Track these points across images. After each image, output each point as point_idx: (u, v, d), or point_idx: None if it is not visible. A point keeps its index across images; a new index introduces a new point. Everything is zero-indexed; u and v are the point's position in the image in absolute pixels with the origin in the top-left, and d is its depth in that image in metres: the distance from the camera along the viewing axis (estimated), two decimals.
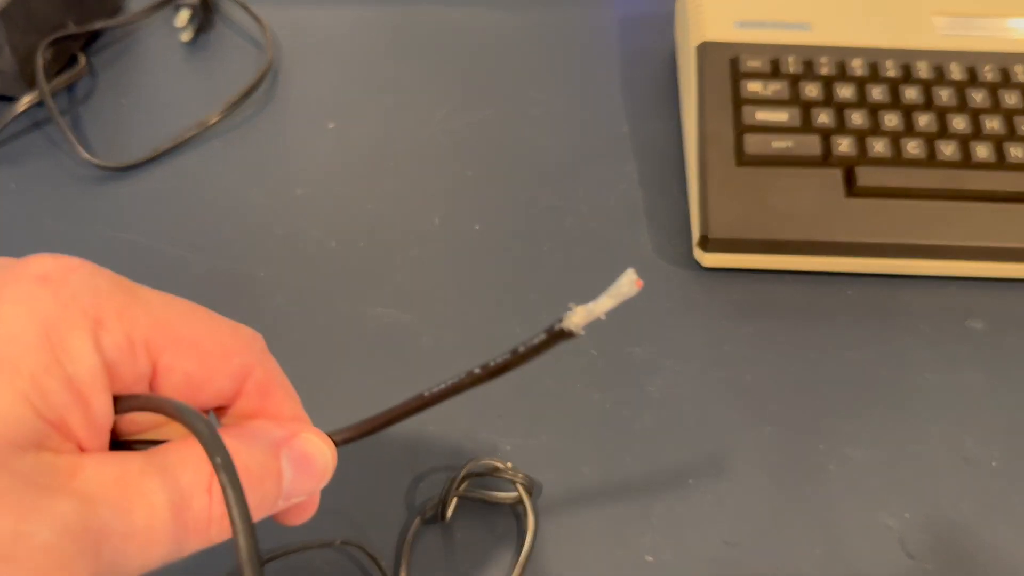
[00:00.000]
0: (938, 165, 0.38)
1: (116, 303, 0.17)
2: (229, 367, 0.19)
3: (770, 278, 0.38)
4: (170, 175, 0.42)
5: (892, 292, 0.38)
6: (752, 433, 0.33)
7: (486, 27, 0.50)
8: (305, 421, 0.21)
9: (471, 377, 0.19)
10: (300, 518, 0.21)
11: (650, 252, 0.39)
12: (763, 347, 0.36)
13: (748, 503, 0.32)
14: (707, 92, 0.40)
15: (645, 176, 0.42)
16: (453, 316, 0.37)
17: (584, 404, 0.34)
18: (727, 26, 0.43)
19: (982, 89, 0.40)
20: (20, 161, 0.43)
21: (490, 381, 0.19)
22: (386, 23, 0.50)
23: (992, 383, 0.35)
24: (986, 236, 0.37)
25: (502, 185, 0.42)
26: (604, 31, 0.50)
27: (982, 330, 0.37)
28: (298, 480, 0.19)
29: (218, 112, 0.44)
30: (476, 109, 0.45)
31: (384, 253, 0.39)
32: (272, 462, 0.18)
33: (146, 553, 0.16)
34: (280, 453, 0.19)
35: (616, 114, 0.45)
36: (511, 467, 0.31)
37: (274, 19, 0.49)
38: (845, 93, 0.40)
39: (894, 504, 0.32)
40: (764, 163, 0.38)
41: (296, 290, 0.38)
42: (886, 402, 0.34)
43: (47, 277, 0.17)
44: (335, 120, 0.45)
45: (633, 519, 0.31)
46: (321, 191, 0.42)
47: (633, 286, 0.16)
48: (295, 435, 0.19)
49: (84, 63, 0.46)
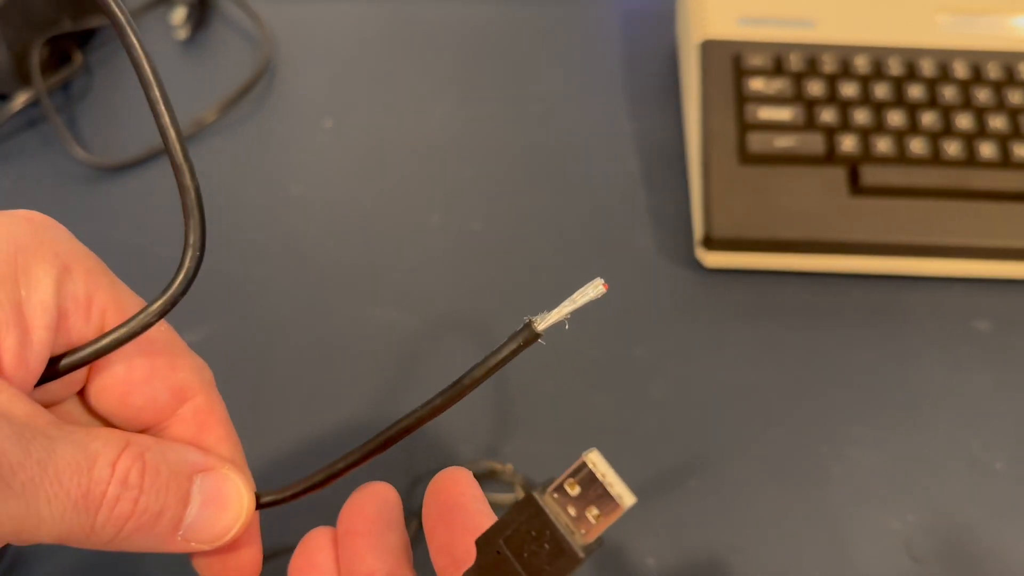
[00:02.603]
0: (942, 164, 0.38)
1: (88, 265, 0.18)
2: (172, 378, 0.19)
3: (773, 278, 0.38)
4: (166, 174, 0.42)
5: (896, 292, 0.38)
6: (755, 435, 0.33)
7: (486, 23, 0.49)
8: (240, 468, 0.20)
9: (432, 407, 0.18)
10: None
11: (652, 252, 0.39)
12: (766, 348, 0.36)
13: (751, 505, 0.31)
14: (710, 90, 0.40)
15: (647, 175, 0.42)
16: (451, 315, 0.37)
17: (585, 405, 0.34)
18: (730, 23, 0.42)
19: (986, 87, 0.39)
20: (15, 159, 0.43)
21: (461, 399, 0.18)
22: (384, 20, 0.50)
23: (998, 385, 0.35)
24: (991, 235, 0.36)
25: (502, 184, 0.42)
26: (606, 28, 0.49)
27: (988, 331, 0.36)
28: (204, 515, 0.18)
29: (214, 110, 0.44)
30: (475, 107, 0.45)
31: (382, 252, 0.39)
32: (182, 481, 0.17)
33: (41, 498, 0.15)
34: (195, 477, 0.18)
35: (618, 112, 0.45)
36: (511, 469, 0.31)
37: (271, 16, 0.49)
38: (849, 91, 0.39)
39: (899, 507, 0.31)
40: (767, 162, 0.38)
41: (293, 289, 0.37)
42: (891, 404, 0.34)
43: (33, 219, 0.17)
44: (332, 118, 0.44)
45: (635, 521, 0.31)
46: (318, 190, 0.41)
47: (599, 288, 0.15)
48: (217, 468, 0.18)
49: (80, 61, 0.46)
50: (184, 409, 0.19)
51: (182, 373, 0.19)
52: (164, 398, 0.19)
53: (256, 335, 0.36)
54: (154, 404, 0.19)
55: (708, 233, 0.37)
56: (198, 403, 0.19)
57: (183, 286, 0.17)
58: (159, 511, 0.17)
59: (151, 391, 0.18)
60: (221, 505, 0.18)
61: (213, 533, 0.18)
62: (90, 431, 0.16)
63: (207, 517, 0.18)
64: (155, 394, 0.18)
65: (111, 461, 0.16)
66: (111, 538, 0.16)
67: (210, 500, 0.18)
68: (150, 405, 0.19)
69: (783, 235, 0.37)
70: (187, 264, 0.17)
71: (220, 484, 0.18)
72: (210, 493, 0.18)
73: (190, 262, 0.17)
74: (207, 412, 0.19)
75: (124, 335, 0.17)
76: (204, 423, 0.19)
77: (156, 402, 0.19)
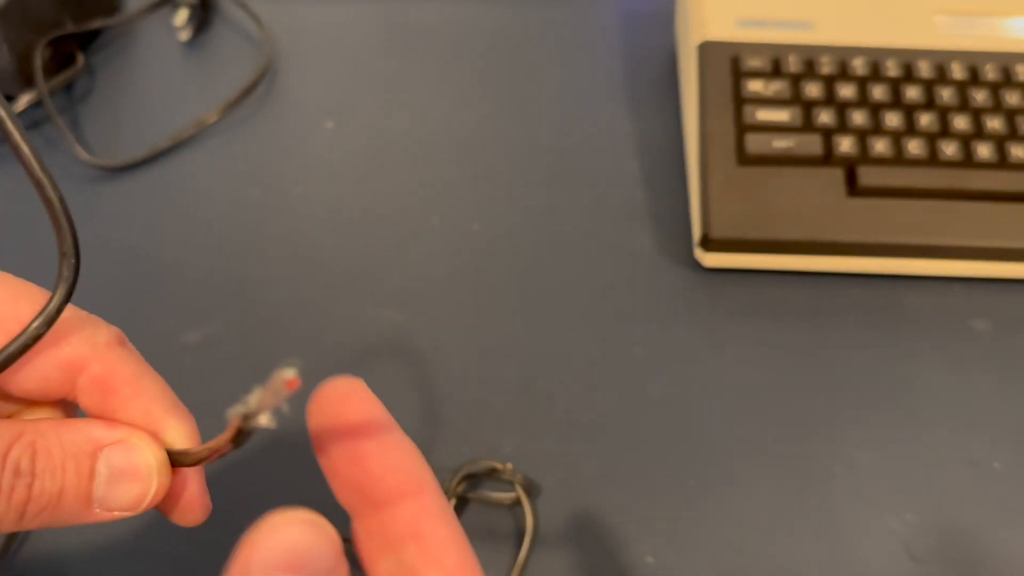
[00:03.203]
0: (940, 165, 0.38)
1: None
2: (57, 355, 0.19)
3: (772, 278, 0.38)
4: (168, 174, 0.42)
5: (895, 293, 0.38)
6: (754, 435, 0.33)
7: (486, 25, 0.50)
8: (165, 421, 0.20)
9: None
10: (185, 519, 0.20)
11: (651, 252, 0.39)
12: (765, 348, 0.36)
13: (750, 505, 0.31)
14: (708, 91, 0.40)
15: (646, 175, 0.42)
16: (451, 316, 0.37)
17: (584, 405, 0.34)
18: (728, 25, 0.43)
19: (984, 88, 0.40)
20: (12, 161, 0.43)
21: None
22: (385, 21, 0.50)
23: (997, 385, 0.35)
24: (988, 236, 0.37)
25: (501, 184, 0.42)
26: (605, 29, 0.50)
27: (986, 331, 0.36)
28: (114, 487, 0.18)
29: (216, 111, 0.44)
30: (475, 107, 0.45)
31: (382, 252, 0.39)
32: (82, 459, 0.18)
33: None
34: (99, 453, 0.18)
35: (617, 113, 0.45)
36: (510, 468, 0.31)
37: (272, 18, 0.49)
38: (846, 92, 0.39)
39: (899, 507, 0.31)
40: (765, 163, 0.38)
41: (293, 289, 0.38)
42: (890, 404, 0.34)
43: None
44: (333, 119, 0.45)
45: (634, 521, 0.31)
46: (319, 190, 0.42)
47: (284, 388, 0.14)
48: (124, 440, 0.19)
49: (82, 62, 0.46)
50: (82, 380, 0.19)
51: (68, 347, 0.19)
52: (56, 375, 0.19)
53: (256, 335, 0.36)
54: (48, 382, 0.19)
55: (707, 233, 0.37)
56: (94, 371, 0.19)
57: (63, 298, 0.18)
58: (59, 492, 0.18)
59: (38, 373, 0.19)
60: (130, 476, 0.18)
61: (127, 502, 0.19)
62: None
63: (117, 489, 0.18)
64: (44, 373, 0.19)
65: (2, 454, 0.17)
66: (17, 522, 0.17)
67: (118, 472, 0.18)
68: (44, 384, 0.19)
69: (781, 236, 0.37)
70: (65, 273, 0.18)
71: (126, 455, 0.19)
72: (117, 465, 0.18)
73: (67, 271, 0.18)
74: (106, 377, 0.19)
75: (5, 358, 0.17)
76: (105, 389, 0.19)
77: (49, 380, 0.19)
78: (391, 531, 0.16)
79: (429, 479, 0.17)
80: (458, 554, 0.16)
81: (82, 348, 0.19)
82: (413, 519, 0.16)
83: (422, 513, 0.16)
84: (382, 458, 0.16)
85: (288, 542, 0.14)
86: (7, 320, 0.18)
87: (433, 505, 0.16)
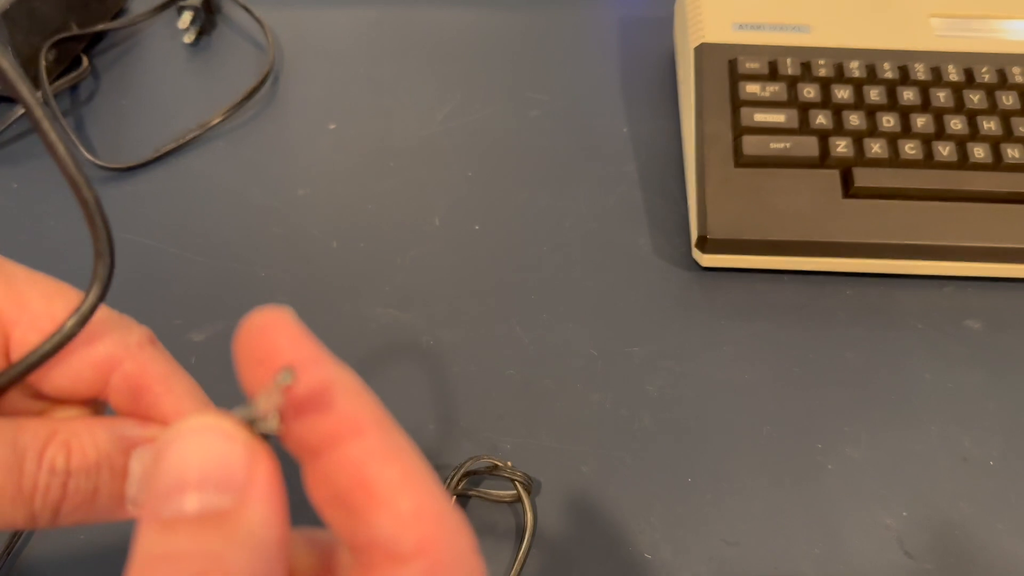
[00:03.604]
0: (935, 166, 0.38)
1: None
2: (91, 354, 0.18)
3: (768, 278, 0.38)
4: (172, 176, 0.43)
5: (890, 292, 0.38)
6: (751, 432, 0.34)
7: (486, 28, 0.50)
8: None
9: None
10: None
11: (649, 252, 0.40)
12: (761, 346, 0.36)
13: (746, 502, 0.32)
14: (706, 93, 0.41)
15: (644, 176, 0.43)
16: (453, 316, 0.37)
17: (583, 403, 0.34)
18: (725, 28, 0.43)
19: (979, 90, 0.40)
20: (22, 162, 0.43)
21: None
22: (386, 25, 0.50)
23: (990, 382, 0.35)
24: (983, 237, 0.37)
25: (502, 185, 0.42)
26: (604, 32, 0.50)
27: (979, 330, 0.37)
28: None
29: (220, 113, 0.44)
30: (476, 110, 0.46)
31: (385, 253, 0.40)
32: (116, 457, 0.18)
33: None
34: (132, 452, 0.18)
35: (615, 115, 0.45)
36: (510, 466, 0.31)
37: (276, 21, 0.50)
38: (843, 94, 0.40)
39: (892, 503, 0.32)
40: (762, 164, 0.39)
41: (297, 290, 0.38)
42: (884, 401, 0.35)
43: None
44: (336, 121, 0.45)
45: (631, 517, 0.31)
46: (322, 191, 0.42)
47: (281, 395, 0.14)
48: (156, 439, 0.18)
49: (87, 65, 0.47)
50: (114, 379, 0.19)
51: (100, 346, 0.19)
52: (88, 374, 0.19)
53: None
54: (80, 381, 0.19)
55: (704, 234, 0.37)
56: (126, 370, 0.19)
57: (98, 297, 0.18)
58: (93, 490, 0.18)
59: (72, 372, 0.18)
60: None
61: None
62: (20, 424, 0.17)
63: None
64: (77, 372, 0.19)
65: (38, 453, 0.17)
66: (51, 520, 0.17)
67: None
68: (76, 383, 0.19)
69: (777, 236, 0.37)
70: (100, 272, 0.17)
71: (160, 449, 0.18)
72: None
73: (102, 270, 0.17)
74: (138, 376, 0.19)
75: (40, 356, 0.17)
76: (137, 388, 0.19)
77: (81, 379, 0.19)
78: (335, 480, 0.14)
79: (372, 417, 0.15)
80: (414, 497, 0.14)
81: (115, 348, 0.19)
82: (356, 464, 0.14)
83: (365, 456, 0.14)
84: (308, 396, 0.14)
85: (198, 452, 0.14)
86: (41, 318, 0.18)
87: (377, 445, 0.14)
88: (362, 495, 0.14)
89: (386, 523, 0.14)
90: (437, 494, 0.14)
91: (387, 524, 0.14)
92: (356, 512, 0.14)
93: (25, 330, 0.18)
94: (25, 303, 0.18)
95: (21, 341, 0.18)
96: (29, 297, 0.18)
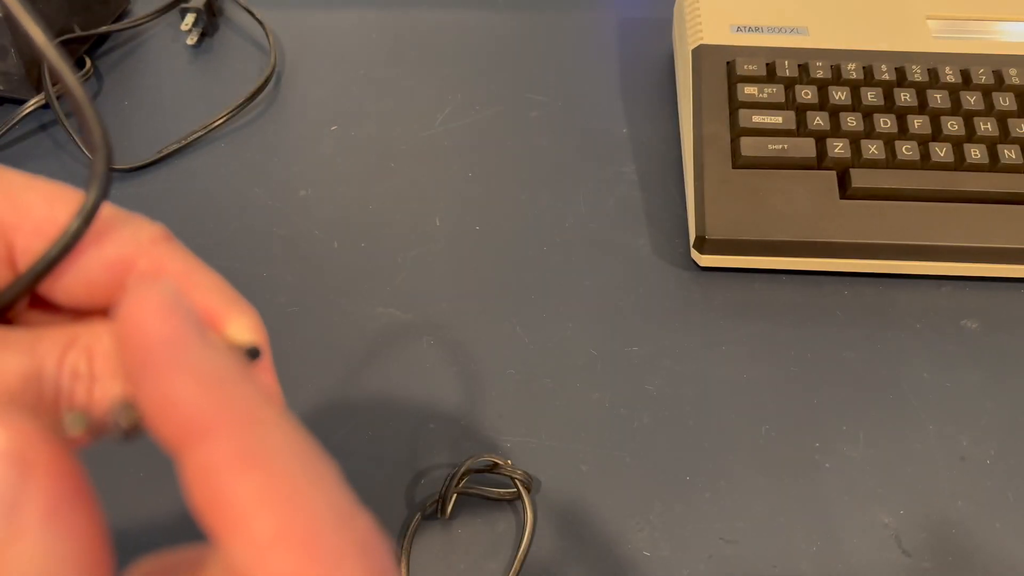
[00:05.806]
0: (932, 167, 0.39)
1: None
2: (101, 255, 0.17)
3: (766, 278, 0.39)
4: (175, 177, 0.43)
5: (887, 292, 0.38)
6: (749, 431, 0.34)
7: (486, 30, 0.50)
8: (227, 315, 0.18)
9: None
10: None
11: (648, 252, 0.40)
12: (760, 346, 0.36)
13: (745, 500, 0.32)
14: (704, 95, 0.41)
15: (643, 177, 0.43)
16: (453, 316, 0.37)
17: (583, 402, 0.35)
18: (723, 30, 0.43)
19: (975, 92, 0.40)
20: (26, 163, 0.43)
21: None
22: (387, 27, 0.51)
23: (987, 382, 0.35)
24: (980, 237, 0.37)
25: (502, 185, 0.42)
26: (603, 34, 0.50)
27: (976, 330, 0.37)
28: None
29: (223, 115, 0.45)
30: (476, 111, 0.46)
31: (386, 253, 0.40)
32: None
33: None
34: None
35: (614, 116, 0.46)
36: (510, 464, 0.32)
37: (278, 23, 0.50)
38: (840, 96, 0.40)
39: (890, 501, 0.32)
40: (760, 165, 0.39)
41: (299, 290, 0.38)
42: (882, 401, 0.35)
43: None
44: (338, 122, 0.45)
45: (631, 515, 0.32)
46: (324, 192, 0.42)
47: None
48: None
49: (89, 66, 0.47)
50: (130, 280, 0.17)
51: (111, 245, 0.17)
52: (102, 276, 0.17)
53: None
54: (94, 286, 0.17)
55: (702, 234, 0.37)
56: (142, 269, 0.17)
57: (99, 192, 0.16)
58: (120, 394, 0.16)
59: (85, 274, 0.17)
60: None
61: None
62: (38, 333, 0.16)
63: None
64: (89, 276, 0.17)
65: (57, 360, 0.16)
66: (88, 432, 0.16)
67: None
68: (91, 289, 0.17)
69: (775, 237, 0.37)
70: (98, 168, 0.16)
71: None
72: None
73: (100, 164, 0.16)
74: (155, 275, 0.18)
75: (47, 262, 0.16)
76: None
77: (95, 283, 0.17)
78: (191, 495, 0.12)
79: (229, 411, 0.12)
80: (274, 517, 0.11)
81: (126, 246, 0.17)
82: (205, 474, 0.12)
83: (217, 463, 0.12)
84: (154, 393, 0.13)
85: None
86: (44, 223, 0.17)
87: (229, 449, 0.12)
88: (213, 515, 0.12)
89: (240, 551, 0.11)
90: (314, 512, 0.12)
91: (241, 552, 0.11)
92: (213, 535, 0.12)
93: (29, 237, 0.17)
94: (26, 209, 0.17)
95: (26, 249, 0.17)
96: (29, 202, 0.17)
